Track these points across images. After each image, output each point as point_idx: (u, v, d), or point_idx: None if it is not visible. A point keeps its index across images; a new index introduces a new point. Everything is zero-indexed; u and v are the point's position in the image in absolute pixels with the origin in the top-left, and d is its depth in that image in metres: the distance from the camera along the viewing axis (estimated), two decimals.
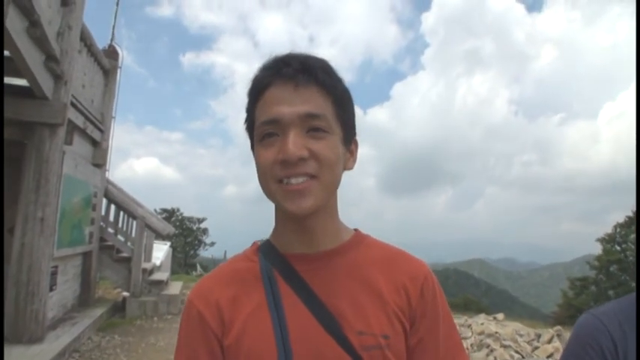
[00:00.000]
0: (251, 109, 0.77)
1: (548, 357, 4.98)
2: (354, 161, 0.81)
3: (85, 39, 6.30)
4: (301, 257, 0.78)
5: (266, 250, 0.82)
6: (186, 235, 35.35)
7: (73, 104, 5.77)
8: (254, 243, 0.86)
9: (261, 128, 0.73)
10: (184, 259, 32.69)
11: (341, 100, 0.75)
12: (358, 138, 0.82)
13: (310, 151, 0.70)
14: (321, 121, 0.71)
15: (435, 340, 0.76)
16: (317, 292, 0.75)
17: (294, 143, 0.69)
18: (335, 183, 0.75)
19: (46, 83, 4.71)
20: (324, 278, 0.76)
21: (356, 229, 0.86)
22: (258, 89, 0.74)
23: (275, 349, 0.70)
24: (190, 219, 37.01)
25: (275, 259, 0.79)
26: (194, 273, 21.84)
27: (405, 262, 0.81)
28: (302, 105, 0.70)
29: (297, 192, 0.70)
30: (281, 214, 0.79)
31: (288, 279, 0.76)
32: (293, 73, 0.71)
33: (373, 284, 0.76)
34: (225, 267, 0.84)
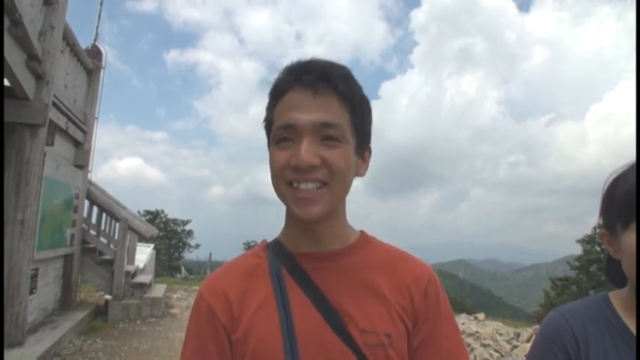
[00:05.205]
0: (270, 110, 0.79)
1: (526, 355, 5.06)
2: (366, 168, 0.83)
3: (68, 38, 6.22)
4: (309, 256, 0.80)
5: (275, 248, 0.84)
6: (170, 237, 34.96)
7: (54, 104, 5.68)
8: (263, 241, 0.88)
9: (277, 132, 0.74)
10: (169, 262, 32.30)
11: (358, 109, 0.76)
12: None
13: (322, 159, 0.71)
14: (336, 130, 0.72)
15: (437, 341, 0.78)
16: (323, 290, 0.77)
17: (307, 151, 0.70)
18: (345, 191, 0.77)
19: (27, 83, 4.64)
20: (330, 277, 0.78)
21: (362, 231, 0.88)
22: (278, 92, 0.76)
23: (282, 343, 0.72)
24: (175, 221, 36.63)
25: (283, 256, 0.81)
26: (178, 276, 21.61)
27: (408, 264, 0.83)
28: (318, 113, 0.71)
29: (307, 200, 0.72)
30: (291, 214, 0.80)
31: (295, 276, 0.78)
32: (313, 80, 0.72)
33: (377, 284, 0.78)
34: (234, 263, 0.86)
